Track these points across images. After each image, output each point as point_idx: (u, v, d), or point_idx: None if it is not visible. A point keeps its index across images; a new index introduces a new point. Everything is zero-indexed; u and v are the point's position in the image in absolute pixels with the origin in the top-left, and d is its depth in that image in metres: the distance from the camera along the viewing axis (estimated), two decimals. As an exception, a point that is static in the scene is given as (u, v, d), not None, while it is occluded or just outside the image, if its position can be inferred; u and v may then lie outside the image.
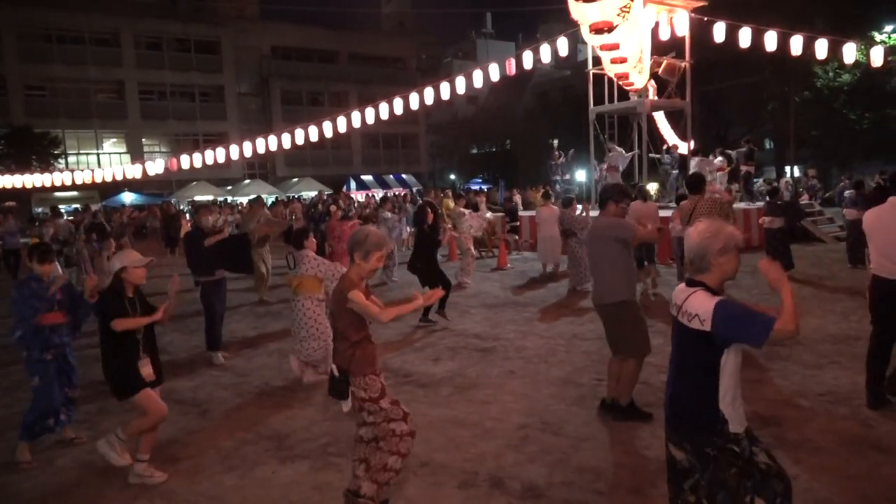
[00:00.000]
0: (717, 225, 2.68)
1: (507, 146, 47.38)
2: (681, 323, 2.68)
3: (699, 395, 2.64)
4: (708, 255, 2.62)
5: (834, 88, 27.67)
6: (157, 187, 34.44)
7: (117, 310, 4.13)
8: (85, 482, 4.31)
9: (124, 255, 4.31)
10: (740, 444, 2.62)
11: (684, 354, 2.72)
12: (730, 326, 2.50)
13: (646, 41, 13.82)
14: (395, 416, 3.47)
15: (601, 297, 4.86)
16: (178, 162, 13.42)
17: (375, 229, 3.64)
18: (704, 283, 2.65)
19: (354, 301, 3.35)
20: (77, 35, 34.73)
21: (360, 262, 3.46)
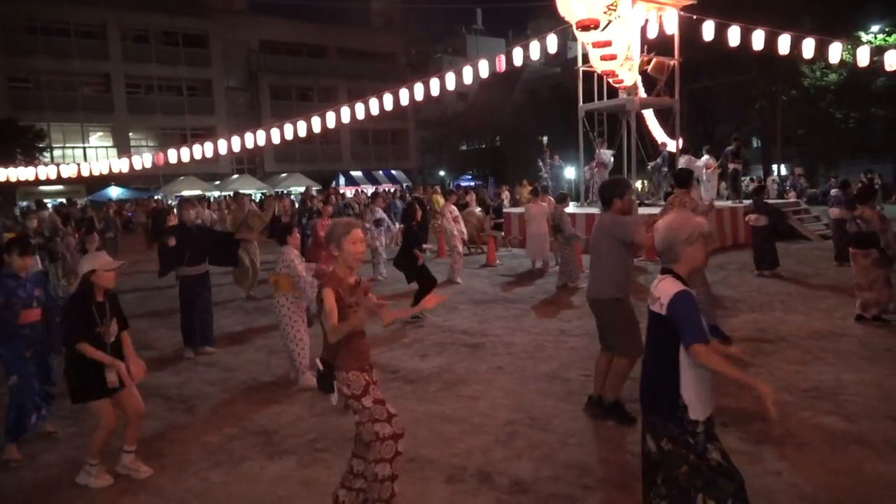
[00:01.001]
0: (683, 216, 2.78)
1: (497, 143, 47.39)
2: (649, 310, 2.78)
3: (661, 380, 2.72)
4: (675, 245, 2.71)
5: (821, 88, 27.91)
6: (144, 182, 34.16)
7: (83, 318, 4.01)
8: (70, 478, 4.27)
9: (94, 259, 4.18)
10: (696, 437, 2.66)
11: (651, 339, 2.81)
12: (677, 316, 2.61)
13: (635, 39, 13.86)
14: (378, 417, 3.36)
15: (596, 292, 4.85)
16: (165, 156, 13.29)
17: (339, 219, 3.65)
18: (675, 271, 2.75)
19: (324, 301, 3.29)
20: (62, 27, 34.32)
21: (338, 254, 3.42)
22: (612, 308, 4.78)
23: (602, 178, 15.57)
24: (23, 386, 4.63)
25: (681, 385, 2.65)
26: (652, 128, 17.81)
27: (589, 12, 11.66)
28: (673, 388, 2.67)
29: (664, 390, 2.70)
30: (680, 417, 2.66)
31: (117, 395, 4.12)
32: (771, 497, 3.61)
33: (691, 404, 2.65)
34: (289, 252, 6.04)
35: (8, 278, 4.67)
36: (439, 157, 49.90)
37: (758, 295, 9.12)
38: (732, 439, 4.37)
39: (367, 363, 3.45)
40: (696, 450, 2.66)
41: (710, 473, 2.65)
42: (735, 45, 12.56)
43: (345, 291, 3.34)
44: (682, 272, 2.74)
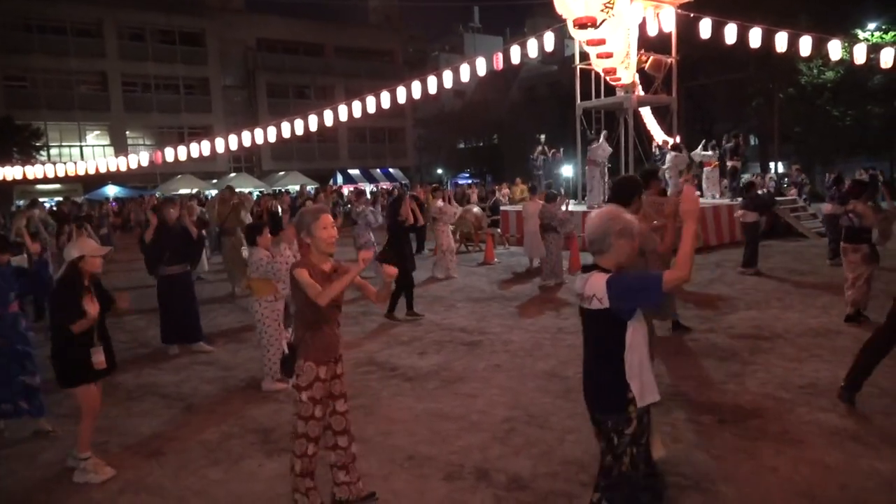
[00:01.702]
0: (617, 210, 2.83)
1: (495, 141, 47.39)
2: (581, 308, 2.80)
3: (606, 376, 2.75)
4: (608, 235, 2.73)
5: (818, 85, 27.92)
6: (142, 181, 34.09)
7: (77, 302, 4.05)
8: (69, 477, 4.27)
9: (81, 244, 4.21)
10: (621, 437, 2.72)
11: (592, 338, 2.84)
12: (625, 296, 2.62)
13: (633, 37, 13.87)
14: (303, 414, 3.38)
15: None
16: (162, 155, 13.26)
17: (305, 207, 3.64)
18: (599, 265, 2.76)
19: (298, 280, 3.28)
20: (58, 25, 34.19)
21: (309, 241, 3.42)
22: None
23: (592, 174, 15.56)
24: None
25: (626, 374, 2.70)
26: (650, 125, 17.83)
27: (587, 10, 11.66)
28: (620, 382, 2.71)
29: (611, 386, 2.74)
30: (619, 414, 2.72)
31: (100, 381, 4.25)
32: (767, 493, 3.63)
33: (638, 391, 2.71)
34: (257, 253, 5.82)
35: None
36: (437, 155, 49.89)
37: (754, 292, 9.15)
38: (729, 436, 4.40)
39: (332, 356, 3.45)
40: (615, 451, 2.74)
41: (616, 479, 2.75)
42: (732, 42, 12.57)
43: (318, 277, 3.33)
44: (609, 265, 2.75)
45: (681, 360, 6.18)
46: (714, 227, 14.30)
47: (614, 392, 2.72)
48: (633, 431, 2.74)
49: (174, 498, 3.92)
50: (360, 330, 8.08)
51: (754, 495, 3.63)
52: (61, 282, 4.14)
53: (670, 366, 5.97)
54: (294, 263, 3.44)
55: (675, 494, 3.66)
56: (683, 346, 6.68)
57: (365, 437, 4.68)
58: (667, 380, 5.60)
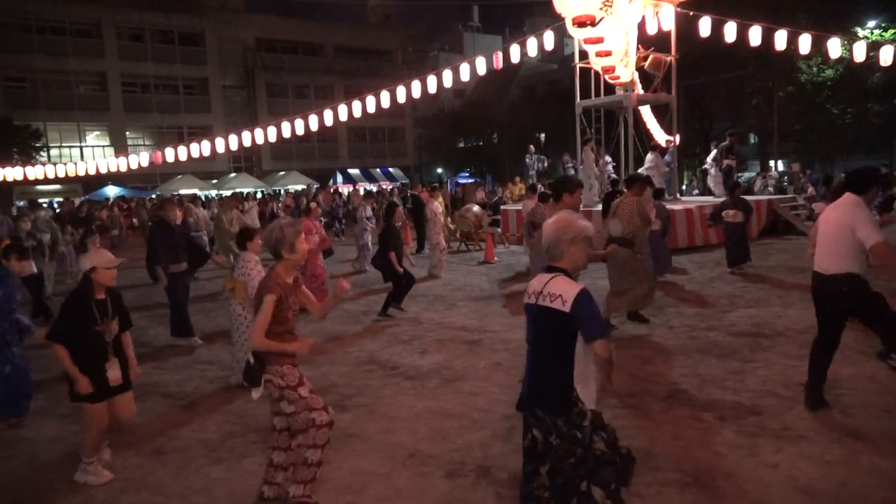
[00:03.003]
0: (570, 217, 2.93)
1: (495, 140, 47.39)
2: (539, 306, 2.87)
3: (553, 375, 2.83)
4: (561, 243, 2.85)
5: (817, 83, 27.93)
6: (142, 181, 34.10)
7: (74, 317, 3.96)
8: (70, 476, 4.28)
9: (94, 255, 4.11)
10: (583, 430, 2.79)
11: (542, 336, 2.91)
12: (582, 315, 2.76)
13: (632, 35, 13.87)
14: (315, 405, 3.44)
15: None
16: (162, 155, 13.29)
17: (281, 222, 3.62)
18: (562, 268, 2.90)
19: (263, 306, 3.37)
20: (58, 25, 34.19)
21: (289, 256, 3.46)
22: None
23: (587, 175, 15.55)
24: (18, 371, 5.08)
25: (574, 377, 2.80)
26: (649, 124, 17.82)
27: (586, 8, 11.66)
28: (567, 382, 2.80)
29: (557, 385, 2.83)
30: (569, 412, 2.80)
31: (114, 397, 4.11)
32: (767, 490, 3.64)
33: (583, 396, 2.81)
34: (247, 258, 5.75)
35: (9, 277, 5.04)
36: (437, 154, 49.89)
37: (754, 290, 9.16)
38: (729, 433, 4.41)
39: (296, 360, 3.56)
40: (582, 443, 2.80)
41: (595, 463, 2.81)
42: (731, 40, 12.60)
43: (287, 292, 3.43)
44: (568, 269, 2.91)
45: (681, 357, 6.19)
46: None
47: (564, 393, 2.82)
48: (591, 421, 2.83)
49: (176, 496, 3.93)
50: (361, 329, 8.10)
51: (755, 492, 3.64)
52: (71, 294, 4.07)
53: (671, 364, 5.98)
54: (267, 284, 3.43)
55: (676, 491, 3.67)
56: (685, 343, 6.69)
57: (366, 435, 4.70)
58: (668, 378, 5.61)
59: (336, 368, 6.44)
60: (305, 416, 3.43)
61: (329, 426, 3.48)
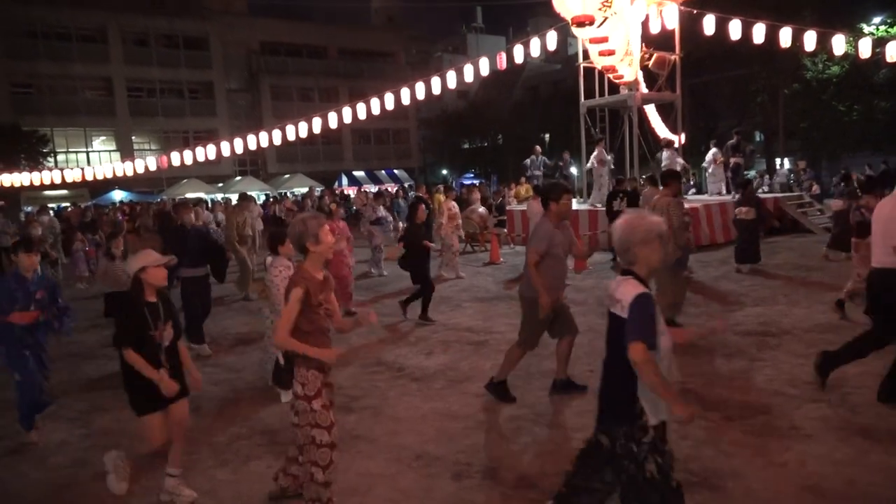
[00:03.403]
0: (637, 217, 2.77)
1: (499, 141, 47.37)
2: (608, 311, 2.80)
3: (620, 383, 2.71)
4: (631, 247, 2.70)
5: (823, 80, 27.78)
6: (148, 185, 34.21)
7: (132, 321, 3.69)
8: (78, 481, 4.31)
9: (143, 255, 3.84)
10: (640, 446, 2.67)
11: (610, 342, 2.80)
12: (632, 318, 2.62)
13: (634, 34, 13.85)
14: (321, 423, 3.31)
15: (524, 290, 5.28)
16: (168, 159, 13.35)
17: (302, 215, 3.50)
18: (635, 273, 2.74)
19: (289, 300, 3.26)
20: (63, 31, 34.36)
21: (314, 249, 3.33)
22: (529, 304, 5.16)
23: (599, 174, 15.55)
24: (26, 382, 4.81)
25: (638, 388, 2.65)
26: (654, 123, 17.79)
27: (584, 8, 11.67)
28: (631, 392, 2.67)
29: (622, 393, 2.71)
30: (632, 423, 2.67)
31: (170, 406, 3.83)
32: (776, 489, 3.63)
33: (648, 408, 2.66)
34: (277, 262, 5.42)
35: (11, 279, 4.80)
36: (441, 155, 49.90)
37: (761, 289, 9.12)
38: (737, 432, 4.39)
39: (327, 364, 3.40)
40: (636, 458, 2.68)
41: (643, 485, 2.68)
42: (736, 39, 12.54)
43: (314, 289, 3.29)
44: (641, 273, 2.73)
45: (688, 357, 6.16)
46: (721, 223, 14.24)
47: (625, 402, 2.69)
48: (652, 440, 2.67)
49: (184, 499, 3.94)
50: (367, 331, 8.10)
51: (763, 491, 3.62)
52: (126, 297, 3.86)
53: (678, 363, 5.94)
54: (295, 279, 3.32)
55: (684, 491, 3.65)
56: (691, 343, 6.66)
57: (372, 436, 4.70)
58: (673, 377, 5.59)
59: (342, 370, 6.44)
60: (307, 433, 3.32)
61: (330, 447, 3.33)
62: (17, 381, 4.83)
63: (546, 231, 5.05)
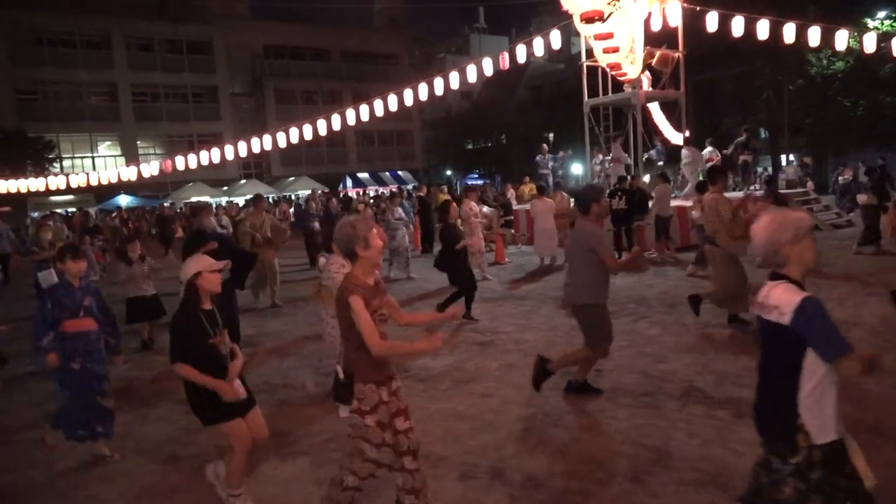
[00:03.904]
0: (782, 215, 2.50)
1: (503, 141, 47.36)
2: (761, 318, 2.52)
3: (778, 397, 2.46)
4: (780, 249, 2.45)
5: (827, 76, 27.67)
6: (153, 189, 34.38)
7: (189, 331, 3.53)
8: (86, 484, 4.31)
9: (197, 259, 3.69)
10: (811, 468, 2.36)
11: (765, 351, 2.54)
12: (809, 328, 2.33)
13: (638, 31, 13.82)
14: (372, 439, 3.13)
15: (576, 298, 5.08)
16: (172, 163, 13.38)
17: (349, 218, 3.31)
18: (787, 275, 2.47)
19: (355, 311, 3.01)
20: (67, 38, 34.60)
21: (364, 254, 3.12)
22: (591, 312, 5.02)
23: (617, 172, 15.44)
24: (69, 397, 4.59)
25: (799, 404, 2.37)
26: (658, 121, 17.74)
27: (593, 4, 11.66)
28: (790, 406, 2.39)
29: (780, 407, 2.44)
30: (793, 440, 2.39)
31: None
32: (786, 487, 3.59)
33: (812, 425, 2.37)
34: (333, 260, 5.36)
35: (59, 287, 4.64)
36: (445, 156, 49.92)
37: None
38: (746, 430, 4.35)
39: (387, 374, 3.20)
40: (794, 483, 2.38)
41: None
42: (739, 35, 12.50)
43: (368, 295, 3.08)
44: (794, 275, 2.46)
45: (697, 354, 6.14)
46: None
47: (781, 416, 2.42)
48: (801, 463, 2.37)
49: (189, 501, 3.94)
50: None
51: (773, 489, 3.59)
52: (181, 307, 3.64)
53: (685, 362, 5.93)
54: (346, 287, 3.09)
55: (694, 490, 3.64)
56: (699, 340, 6.64)
57: (379, 438, 4.68)
58: (682, 376, 5.56)
59: (348, 372, 6.43)
60: (357, 445, 3.17)
61: (375, 464, 3.16)
62: (59, 392, 4.65)
63: (602, 235, 5.02)
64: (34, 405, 5.92)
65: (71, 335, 4.53)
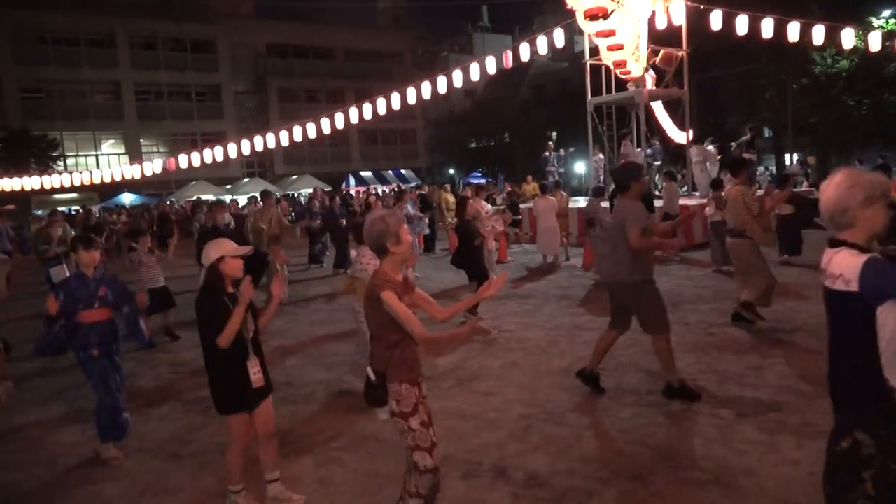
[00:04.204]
0: (855, 174, 2.33)
1: (506, 139, 47.31)
2: (825, 288, 2.37)
3: (858, 368, 2.31)
4: (850, 209, 2.29)
5: (832, 75, 27.58)
6: (157, 187, 34.42)
7: (218, 312, 3.47)
8: (89, 481, 4.32)
9: (220, 245, 3.61)
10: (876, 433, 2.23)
11: (834, 323, 2.39)
12: (881, 281, 2.17)
13: (642, 29, 13.79)
14: (422, 444, 3.01)
15: (620, 276, 4.95)
16: (176, 162, 13.41)
17: (381, 213, 3.22)
18: (848, 240, 2.31)
19: (390, 304, 2.92)
20: (71, 36, 34.67)
21: (394, 250, 3.03)
22: (640, 290, 4.91)
23: None
24: (102, 384, 4.58)
25: (883, 367, 2.21)
26: (661, 120, 17.70)
27: (597, 0, 11.65)
28: (874, 374, 2.23)
29: (864, 378, 2.28)
30: (878, 406, 2.23)
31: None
32: (789, 486, 3.59)
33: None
34: (364, 252, 5.34)
35: (73, 278, 4.65)
36: (448, 155, 49.89)
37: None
38: (749, 429, 4.35)
39: (419, 373, 3.14)
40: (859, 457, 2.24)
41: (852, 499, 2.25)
42: (743, 34, 12.47)
43: (399, 291, 3.01)
44: (858, 240, 2.29)
45: (700, 354, 6.12)
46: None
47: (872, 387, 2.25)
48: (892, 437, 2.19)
49: (193, 500, 3.95)
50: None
51: (775, 489, 3.58)
52: (203, 290, 3.58)
53: (688, 361, 5.91)
54: (377, 284, 3.00)
55: (696, 489, 3.62)
56: (702, 340, 6.62)
57: (381, 436, 4.68)
58: (685, 374, 5.54)
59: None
60: (412, 456, 3.02)
61: (433, 472, 3.02)
62: (93, 385, 4.62)
63: (641, 209, 4.89)
64: (37, 404, 5.94)
65: (86, 325, 4.53)
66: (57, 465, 4.64)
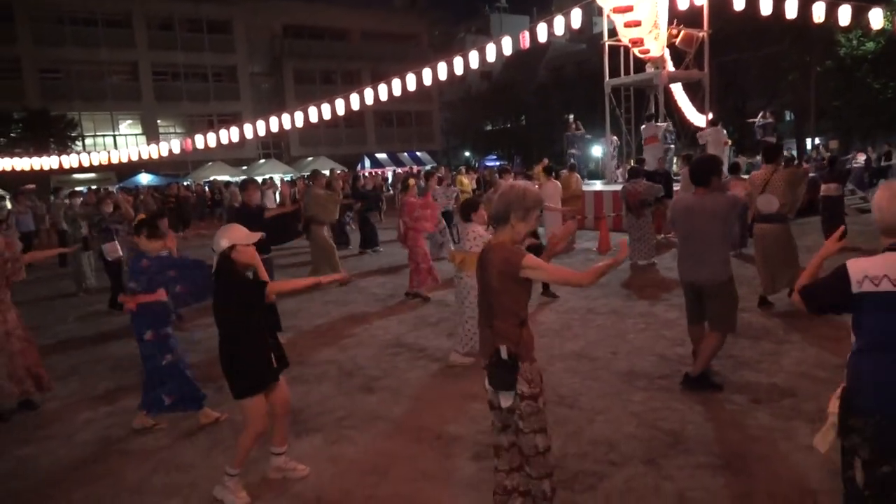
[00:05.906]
0: None
1: (522, 122, 46.95)
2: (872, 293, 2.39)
3: None
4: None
5: (857, 57, 26.94)
6: (173, 168, 34.64)
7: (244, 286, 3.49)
8: (104, 457, 4.38)
9: (231, 232, 3.53)
10: None
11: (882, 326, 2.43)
12: None
13: (662, 6, 13.53)
14: (542, 426, 2.86)
15: (717, 276, 4.72)
16: (192, 142, 13.43)
17: (523, 183, 3.05)
18: None
19: (536, 268, 2.74)
20: (89, 17, 34.77)
21: (516, 225, 2.85)
22: (729, 287, 4.80)
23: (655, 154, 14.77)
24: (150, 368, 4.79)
25: None
26: (680, 102, 17.45)
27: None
28: None
29: None
30: None
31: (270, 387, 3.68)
32: (803, 472, 3.55)
33: None
34: (474, 228, 5.52)
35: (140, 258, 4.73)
36: (464, 137, 49.66)
37: (790, 271, 8.92)
38: (763, 415, 4.30)
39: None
40: None
41: None
42: (767, 14, 12.19)
43: None
44: None
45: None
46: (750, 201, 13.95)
47: None
48: None
49: (204, 477, 3.98)
50: (388, 311, 8.10)
51: (789, 475, 3.54)
52: (217, 278, 3.54)
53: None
54: (507, 256, 2.80)
55: (709, 474, 3.59)
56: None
57: (392, 417, 4.70)
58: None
59: (363, 351, 6.45)
60: (531, 440, 2.83)
61: (548, 451, 2.89)
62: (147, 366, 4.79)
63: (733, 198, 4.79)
64: (53, 380, 6.02)
65: (141, 307, 4.69)
66: (73, 440, 4.71)
